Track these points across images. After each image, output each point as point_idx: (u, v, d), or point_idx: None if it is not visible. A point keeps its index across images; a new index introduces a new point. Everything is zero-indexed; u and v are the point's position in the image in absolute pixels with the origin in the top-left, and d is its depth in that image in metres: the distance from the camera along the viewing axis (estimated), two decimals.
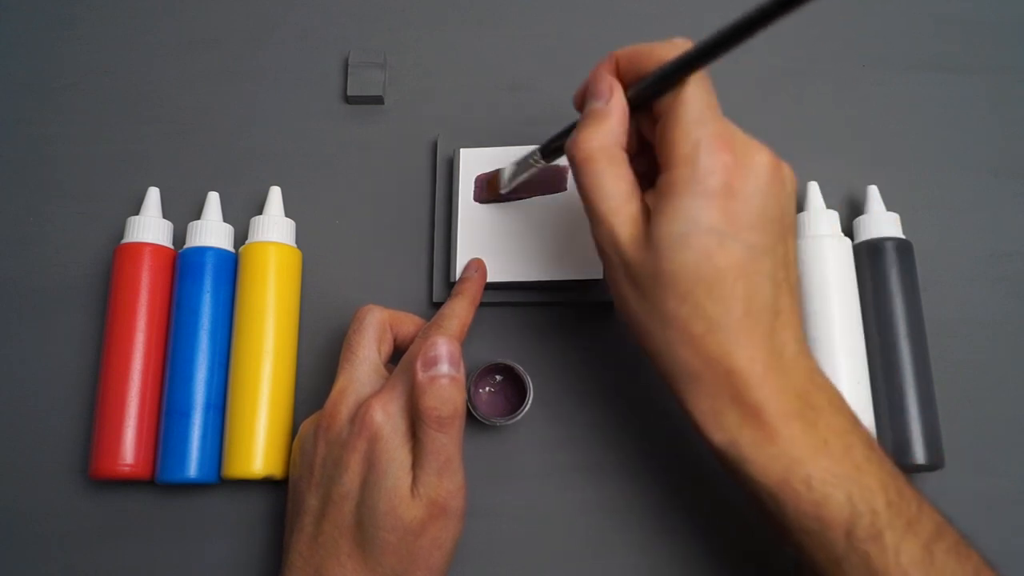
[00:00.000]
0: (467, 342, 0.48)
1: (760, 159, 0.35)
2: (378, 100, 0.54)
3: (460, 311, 0.44)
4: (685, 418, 0.37)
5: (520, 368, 0.45)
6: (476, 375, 0.46)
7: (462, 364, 0.40)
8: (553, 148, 0.43)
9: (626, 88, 0.38)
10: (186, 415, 0.45)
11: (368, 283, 0.50)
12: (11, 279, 0.51)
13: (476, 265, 0.47)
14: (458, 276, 0.47)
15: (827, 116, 0.54)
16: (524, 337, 0.49)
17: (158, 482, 0.45)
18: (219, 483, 0.46)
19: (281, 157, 0.53)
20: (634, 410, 0.48)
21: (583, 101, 0.39)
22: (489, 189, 0.48)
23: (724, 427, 0.35)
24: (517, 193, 0.48)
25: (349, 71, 0.54)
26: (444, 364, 0.39)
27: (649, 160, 0.38)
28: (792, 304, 0.36)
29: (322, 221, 0.52)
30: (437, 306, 0.49)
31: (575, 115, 0.53)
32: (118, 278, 0.47)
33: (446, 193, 0.50)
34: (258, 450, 0.44)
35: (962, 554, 0.34)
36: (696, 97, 0.35)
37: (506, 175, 0.47)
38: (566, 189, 0.48)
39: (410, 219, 0.52)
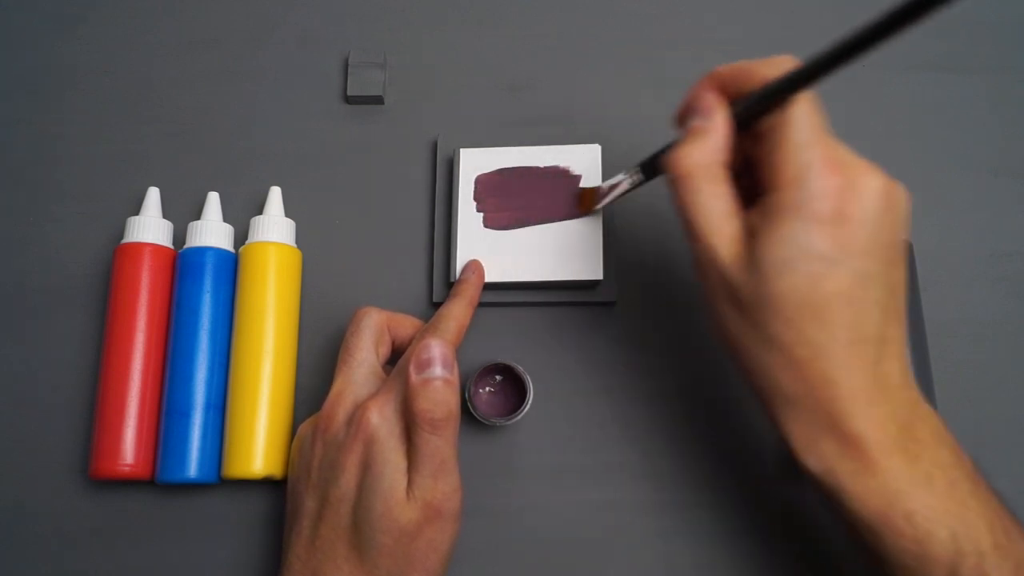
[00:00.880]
0: (467, 342, 0.48)
1: (872, 183, 0.34)
2: (378, 100, 0.54)
3: (457, 313, 0.44)
4: (784, 444, 0.36)
5: (520, 368, 0.45)
6: (476, 375, 0.46)
7: (456, 366, 0.40)
8: (652, 163, 0.42)
9: (728, 104, 0.37)
10: (186, 415, 0.45)
11: (368, 283, 0.50)
12: (11, 279, 0.51)
13: (474, 267, 0.47)
14: (458, 276, 0.47)
15: (827, 116, 0.53)
16: (524, 337, 0.49)
17: (158, 482, 0.45)
18: (219, 483, 0.46)
19: (281, 157, 0.53)
20: (634, 410, 0.48)
21: (684, 118, 0.38)
22: (581, 205, 0.47)
23: (821, 455, 0.34)
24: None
25: (349, 71, 0.54)
26: (437, 366, 0.39)
27: (752, 179, 0.37)
28: (899, 333, 0.35)
29: (322, 221, 0.52)
30: (437, 306, 0.49)
31: (574, 115, 0.53)
32: (118, 278, 0.47)
33: (446, 193, 0.50)
34: (258, 450, 0.44)
35: None
36: (804, 117, 0.34)
37: (604, 194, 0.46)
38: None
39: (410, 219, 0.52)
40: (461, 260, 0.48)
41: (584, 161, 0.48)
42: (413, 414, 0.38)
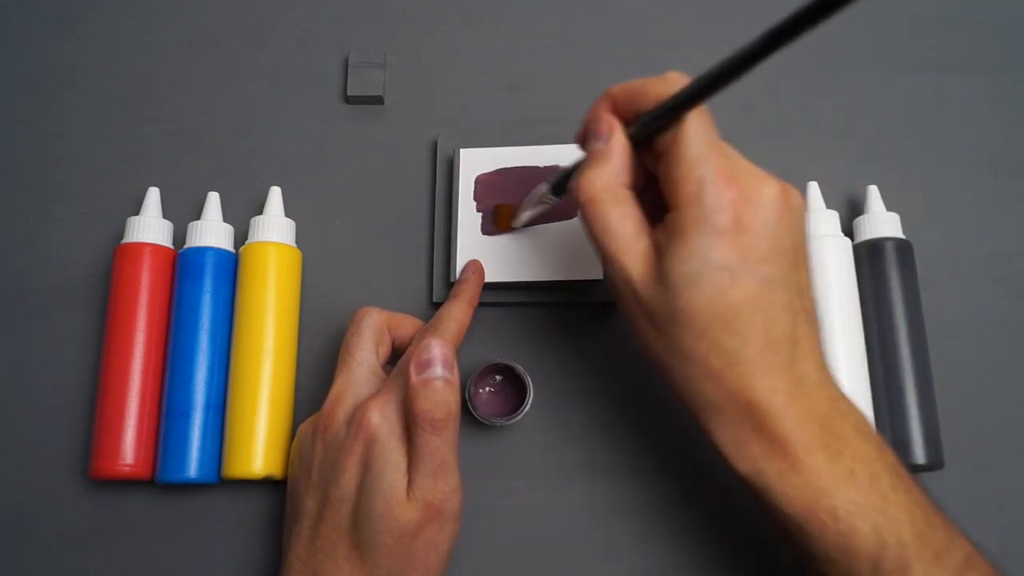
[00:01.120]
0: (467, 342, 0.48)
1: (767, 190, 0.35)
2: (378, 100, 0.54)
3: (457, 313, 0.44)
4: (711, 448, 0.37)
5: (520, 368, 0.45)
6: (476, 375, 0.46)
7: (456, 366, 0.40)
8: (561, 183, 0.42)
9: (626, 125, 0.38)
10: (186, 415, 0.45)
11: (368, 283, 0.50)
12: (11, 279, 0.51)
13: (474, 267, 0.47)
14: (458, 277, 0.47)
15: (827, 116, 0.54)
16: (524, 337, 0.49)
17: (158, 482, 0.45)
18: (219, 483, 0.46)
19: (281, 157, 0.53)
20: (634, 410, 0.48)
21: (583, 140, 0.39)
22: (498, 223, 0.48)
23: (749, 457, 0.35)
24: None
25: (349, 71, 0.54)
26: (438, 366, 0.39)
27: (656, 193, 0.38)
28: (810, 332, 0.36)
29: (322, 221, 0.52)
30: (437, 306, 0.49)
31: (574, 115, 0.53)
32: (118, 278, 0.47)
33: (446, 193, 0.50)
34: (258, 450, 0.44)
35: None
36: (696, 133, 0.35)
37: (521, 214, 0.46)
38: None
39: (410, 219, 0.52)
40: (461, 260, 0.48)
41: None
42: (413, 414, 0.38)
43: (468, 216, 0.48)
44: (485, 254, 0.47)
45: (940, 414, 0.45)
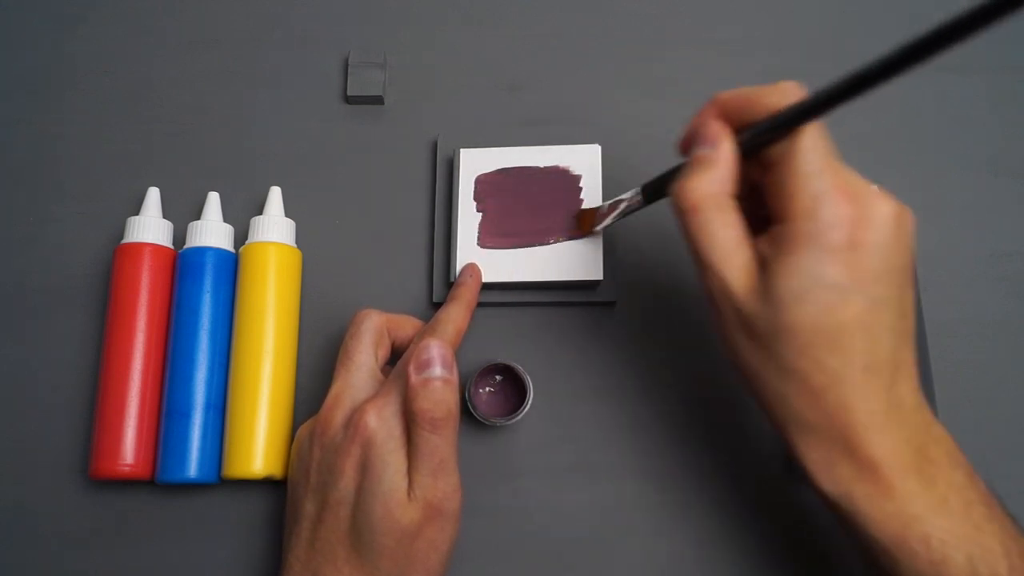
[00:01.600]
0: (467, 342, 0.48)
1: (884, 209, 0.34)
2: (378, 100, 0.54)
3: (455, 316, 0.44)
4: (798, 465, 0.36)
5: (520, 368, 0.45)
6: (476, 375, 0.46)
7: (455, 367, 0.40)
8: (654, 187, 0.41)
9: (735, 133, 0.37)
10: (186, 415, 0.45)
11: (368, 283, 0.50)
12: (11, 279, 0.51)
13: (471, 270, 0.47)
14: (456, 279, 0.47)
15: (827, 116, 0.53)
16: (524, 337, 0.49)
17: (158, 482, 0.45)
18: (219, 483, 0.46)
19: (281, 157, 0.53)
20: (634, 410, 0.48)
21: (688, 146, 0.38)
22: (580, 226, 0.47)
23: (838, 479, 0.34)
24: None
25: (349, 71, 0.54)
26: (437, 367, 0.39)
27: (757, 204, 0.37)
28: (911, 356, 0.35)
29: (322, 221, 0.52)
30: (437, 306, 0.49)
31: (574, 115, 0.53)
32: (118, 278, 0.47)
33: (446, 193, 0.50)
34: (258, 450, 0.44)
35: None
36: (814, 147, 0.34)
37: (604, 215, 0.45)
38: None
39: (410, 219, 0.52)
40: (461, 260, 0.48)
41: (584, 161, 0.48)
42: (413, 413, 0.38)
43: (468, 216, 0.48)
44: (485, 254, 0.47)
45: (940, 414, 0.45)
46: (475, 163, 0.49)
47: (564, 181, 0.48)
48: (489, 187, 0.49)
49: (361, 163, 0.53)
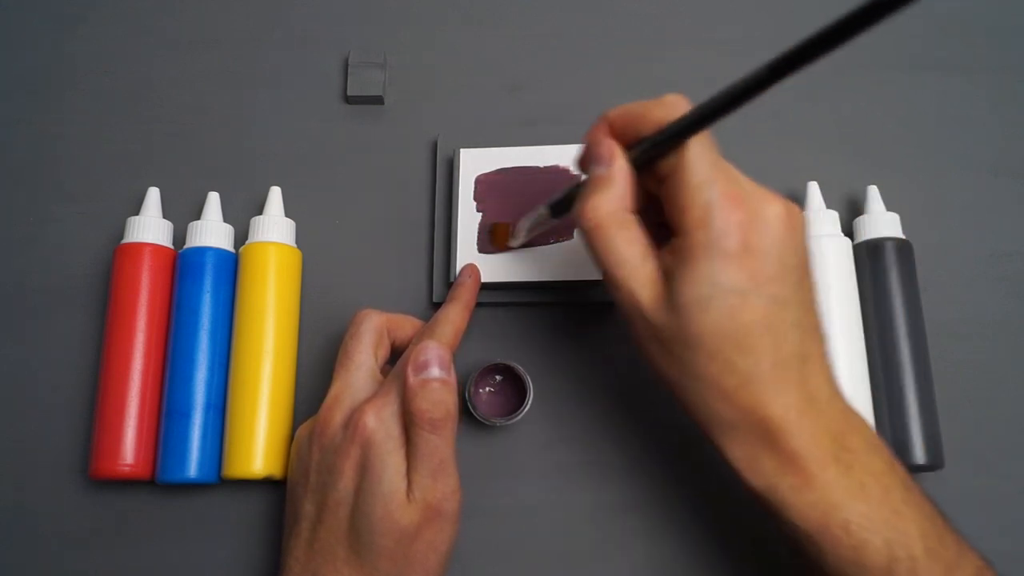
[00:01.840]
0: (467, 342, 0.48)
1: (772, 210, 0.35)
2: (378, 100, 0.54)
3: (454, 316, 0.44)
4: (723, 464, 0.37)
5: (520, 368, 0.45)
6: (476, 375, 0.46)
7: (453, 367, 0.41)
8: (560, 205, 0.42)
9: (626, 149, 0.37)
10: (186, 415, 0.45)
11: (368, 283, 0.50)
12: (11, 279, 0.51)
13: (470, 271, 0.47)
14: (455, 279, 0.47)
15: (827, 116, 0.54)
16: (524, 337, 0.49)
17: (158, 482, 0.45)
18: (219, 483, 0.46)
19: (281, 157, 0.53)
20: (634, 410, 0.48)
21: (585, 163, 0.39)
22: (495, 242, 0.47)
23: (762, 473, 0.35)
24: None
25: (349, 71, 0.54)
26: (435, 368, 0.39)
27: (656, 213, 0.38)
28: (819, 347, 0.36)
29: (322, 221, 0.52)
30: (437, 306, 0.49)
31: (574, 115, 0.53)
32: (118, 278, 0.47)
33: (446, 193, 0.50)
34: (258, 450, 0.44)
35: None
36: (700, 157, 0.35)
37: (519, 233, 0.46)
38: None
39: (410, 219, 0.52)
40: (461, 260, 0.48)
41: None
42: (412, 414, 0.38)
43: (468, 216, 0.48)
44: (485, 255, 0.47)
45: (940, 414, 0.45)
46: (475, 163, 0.49)
47: (564, 181, 0.48)
48: (489, 187, 0.49)
49: (361, 163, 0.53)
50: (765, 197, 0.35)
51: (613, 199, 0.37)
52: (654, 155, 0.36)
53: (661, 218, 0.37)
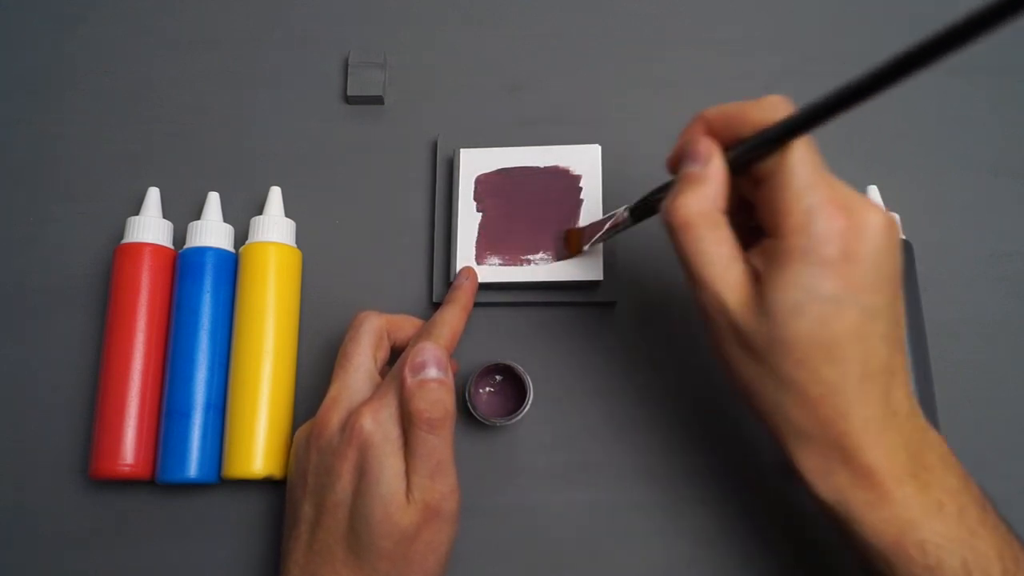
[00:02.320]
0: (467, 342, 0.48)
1: (874, 220, 0.34)
2: (378, 100, 0.54)
3: (451, 318, 0.44)
4: (793, 473, 0.36)
5: (520, 368, 0.45)
6: (476, 375, 0.46)
7: (450, 368, 0.41)
8: (643, 207, 0.42)
9: (724, 150, 0.37)
10: (186, 415, 0.45)
11: (368, 283, 0.50)
12: (11, 279, 0.51)
13: (467, 273, 0.47)
14: (453, 280, 0.47)
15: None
16: (524, 337, 0.49)
17: (158, 482, 0.45)
18: (219, 483, 0.46)
19: (281, 157, 0.53)
20: (634, 410, 0.48)
21: (677, 163, 0.38)
22: (570, 248, 0.47)
23: (835, 486, 0.35)
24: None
25: (349, 71, 0.54)
26: (432, 368, 0.39)
27: (747, 216, 0.37)
28: (903, 363, 0.36)
29: (322, 221, 0.52)
30: (437, 306, 0.49)
31: (574, 115, 0.53)
32: (118, 278, 0.47)
33: (446, 193, 0.50)
34: (258, 450, 0.44)
35: None
36: (803, 161, 0.34)
37: (591, 235, 0.45)
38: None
39: (410, 219, 0.52)
40: (461, 260, 0.48)
41: (584, 161, 0.48)
42: (410, 414, 0.38)
43: (468, 216, 0.48)
44: (480, 266, 0.47)
45: (940, 414, 0.45)
46: (475, 163, 0.49)
47: (564, 181, 0.48)
48: (489, 187, 0.49)
49: (361, 163, 0.53)
50: (867, 206, 0.34)
51: (706, 198, 0.36)
52: (754, 156, 0.35)
53: (750, 222, 0.37)
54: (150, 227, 0.48)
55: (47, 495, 0.47)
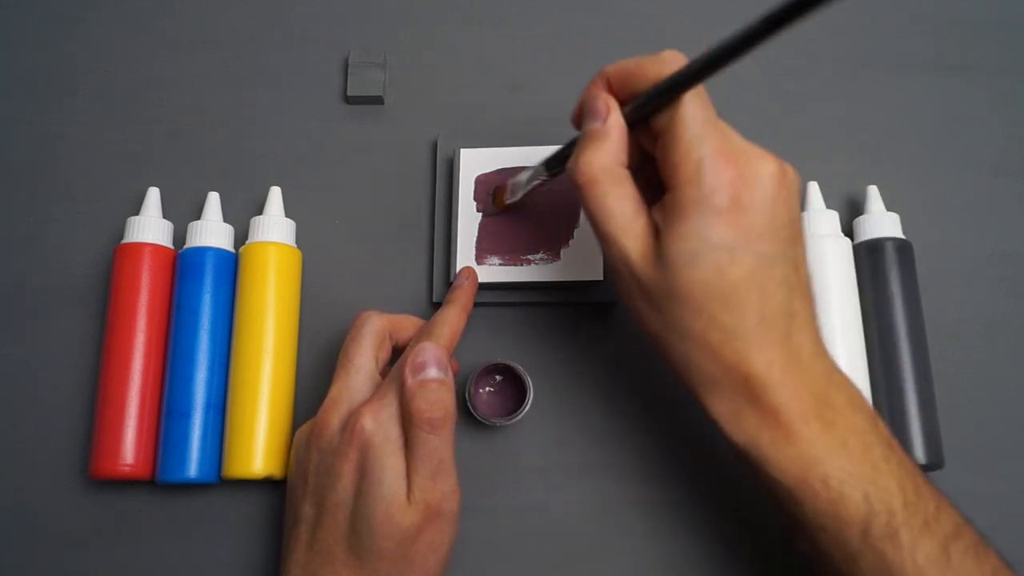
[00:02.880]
0: (467, 342, 0.48)
1: (765, 168, 0.35)
2: (378, 100, 0.54)
3: (450, 318, 0.44)
4: (706, 420, 0.37)
5: (520, 368, 0.45)
6: (476, 375, 0.46)
7: (450, 369, 0.41)
8: (555, 161, 0.43)
9: (622, 105, 0.38)
10: (186, 415, 0.45)
11: (368, 283, 0.50)
12: (11, 279, 0.51)
13: (467, 273, 0.47)
14: (453, 281, 0.47)
15: (827, 116, 0.54)
16: (524, 337, 0.49)
17: (158, 482, 0.45)
18: (219, 483, 0.46)
19: (281, 157, 0.53)
20: (634, 410, 0.48)
21: (580, 119, 0.39)
22: (496, 203, 0.48)
23: (744, 429, 0.36)
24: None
25: (349, 71, 0.54)
26: (432, 368, 0.40)
27: (652, 171, 0.38)
28: (806, 306, 0.37)
29: (322, 221, 0.52)
30: (437, 306, 0.49)
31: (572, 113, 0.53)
32: (118, 278, 0.47)
33: (446, 193, 0.50)
34: (258, 450, 0.44)
35: (980, 554, 0.34)
36: (693, 113, 0.35)
37: (515, 190, 0.46)
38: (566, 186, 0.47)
39: (410, 219, 0.52)
40: (461, 260, 0.48)
41: None
42: (411, 415, 0.38)
43: (468, 216, 0.48)
44: (480, 265, 0.47)
45: (940, 414, 0.45)
46: (475, 163, 0.49)
47: (564, 182, 0.48)
48: (489, 187, 0.49)
49: (361, 163, 0.53)
50: (758, 155, 0.35)
51: (607, 154, 0.37)
52: (649, 111, 0.36)
53: (655, 176, 0.38)
54: (150, 227, 0.48)
55: (47, 495, 0.47)
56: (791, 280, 0.36)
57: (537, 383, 0.47)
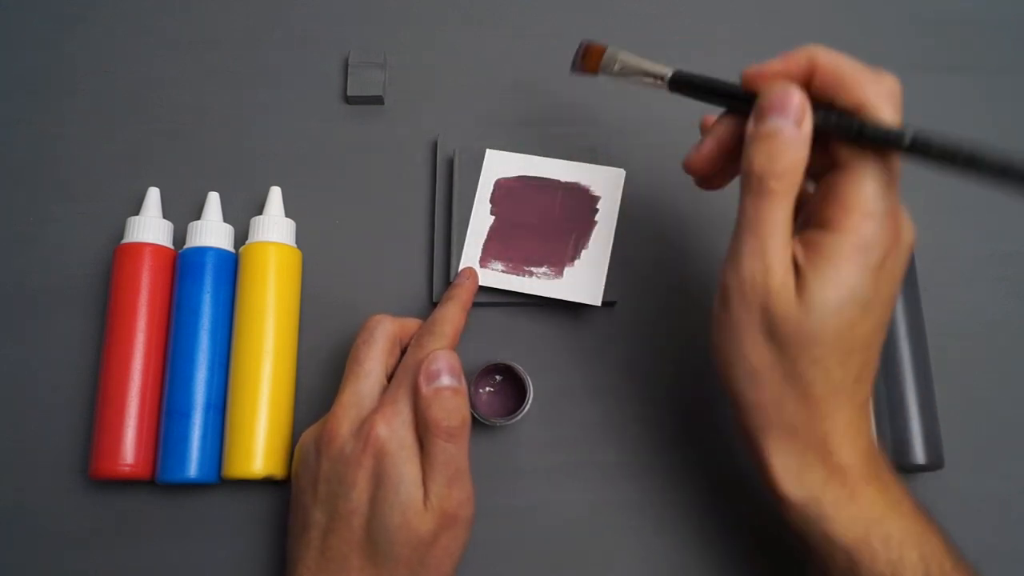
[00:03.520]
0: (467, 342, 0.48)
1: (909, 239, 0.35)
2: (378, 100, 0.54)
3: (451, 316, 0.44)
4: (756, 469, 0.37)
5: (520, 368, 0.45)
6: (476, 375, 0.46)
7: (463, 376, 0.41)
8: (688, 86, 0.39)
9: (814, 107, 0.34)
10: (186, 415, 0.45)
11: (368, 283, 0.50)
12: (11, 279, 0.51)
13: (468, 274, 0.47)
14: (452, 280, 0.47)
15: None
16: (524, 337, 0.49)
17: (158, 482, 0.45)
18: (219, 483, 0.46)
19: (281, 157, 0.53)
20: (634, 410, 0.48)
21: (755, 85, 0.36)
22: (586, 66, 0.43)
23: (806, 484, 0.35)
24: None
25: (349, 71, 0.54)
26: (446, 376, 0.40)
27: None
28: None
29: (322, 221, 0.52)
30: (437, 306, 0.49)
31: (574, 115, 0.53)
32: (118, 278, 0.47)
33: (446, 193, 0.50)
34: (258, 450, 0.44)
35: None
36: (891, 167, 0.34)
37: (624, 64, 0.41)
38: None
39: (410, 219, 0.52)
40: (466, 259, 0.48)
41: (606, 183, 0.48)
42: (427, 423, 0.38)
43: (482, 216, 0.48)
44: (483, 268, 0.48)
45: (940, 414, 0.45)
46: (499, 165, 0.49)
47: (581, 200, 0.48)
48: (506, 192, 0.49)
49: (361, 163, 0.53)
50: (907, 222, 0.36)
51: (798, 161, 0.34)
52: (846, 139, 0.34)
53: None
54: (150, 227, 0.48)
55: (47, 495, 0.47)
56: (880, 345, 0.36)
57: (537, 383, 0.47)
